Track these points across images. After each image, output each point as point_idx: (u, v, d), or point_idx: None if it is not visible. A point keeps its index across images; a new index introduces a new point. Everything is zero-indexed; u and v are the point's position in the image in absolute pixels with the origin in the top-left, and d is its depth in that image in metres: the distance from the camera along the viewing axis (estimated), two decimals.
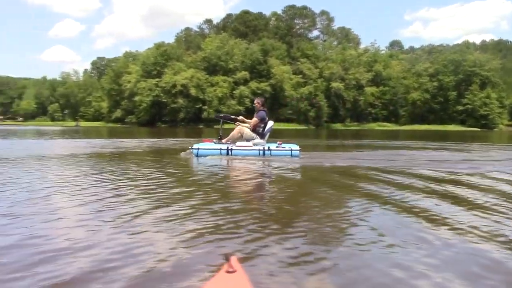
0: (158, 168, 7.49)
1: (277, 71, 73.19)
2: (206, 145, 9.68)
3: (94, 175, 6.49)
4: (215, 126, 49.41)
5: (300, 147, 9.73)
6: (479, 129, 66.76)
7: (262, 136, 9.91)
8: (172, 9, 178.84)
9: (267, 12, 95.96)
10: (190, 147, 9.73)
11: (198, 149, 9.54)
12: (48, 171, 7.09)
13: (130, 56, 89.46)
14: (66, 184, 5.38)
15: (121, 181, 5.67)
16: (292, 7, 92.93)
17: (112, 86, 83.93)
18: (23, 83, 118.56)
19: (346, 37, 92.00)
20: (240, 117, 10.38)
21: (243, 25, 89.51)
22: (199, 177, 6.59)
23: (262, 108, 10.12)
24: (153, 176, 6.40)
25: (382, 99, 77.69)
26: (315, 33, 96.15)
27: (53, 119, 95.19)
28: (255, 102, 10.40)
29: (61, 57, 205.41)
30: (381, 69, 79.33)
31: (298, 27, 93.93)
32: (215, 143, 9.75)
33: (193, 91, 69.47)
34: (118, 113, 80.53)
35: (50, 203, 4.21)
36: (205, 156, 9.40)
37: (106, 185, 5.31)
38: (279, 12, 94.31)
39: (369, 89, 76.64)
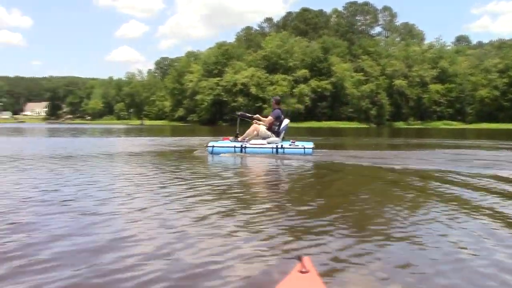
0: (218, 168, 7.85)
1: (337, 69, 72.06)
2: (221, 143, 10.10)
3: (164, 173, 6.95)
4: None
5: (313, 145, 9.90)
6: None
7: (277, 134, 10.27)
8: (233, 7, 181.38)
9: (327, 9, 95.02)
10: (205, 145, 10.12)
11: (213, 147, 9.95)
12: (124, 169, 7.70)
13: (192, 56, 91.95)
14: (142, 183, 5.76)
15: (192, 181, 5.93)
16: (353, 3, 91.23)
17: (174, 85, 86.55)
18: (91, 83, 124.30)
19: (410, 33, 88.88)
20: (256, 116, 10.85)
21: (303, 23, 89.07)
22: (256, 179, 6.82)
23: (277, 107, 10.61)
24: (216, 175, 6.75)
25: (448, 97, 74.19)
26: (377, 29, 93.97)
27: (119, 118, 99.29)
28: (271, 101, 10.93)
29: (127, 58, 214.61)
30: (446, 65, 75.74)
31: (359, 23, 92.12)
32: (231, 141, 10.14)
33: (253, 90, 70.14)
34: (180, 111, 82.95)
35: (130, 202, 4.42)
36: (220, 154, 9.79)
37: (175, 184, 5.61)
38: (340, 9, 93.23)
39: (433, 86, 73.56)
